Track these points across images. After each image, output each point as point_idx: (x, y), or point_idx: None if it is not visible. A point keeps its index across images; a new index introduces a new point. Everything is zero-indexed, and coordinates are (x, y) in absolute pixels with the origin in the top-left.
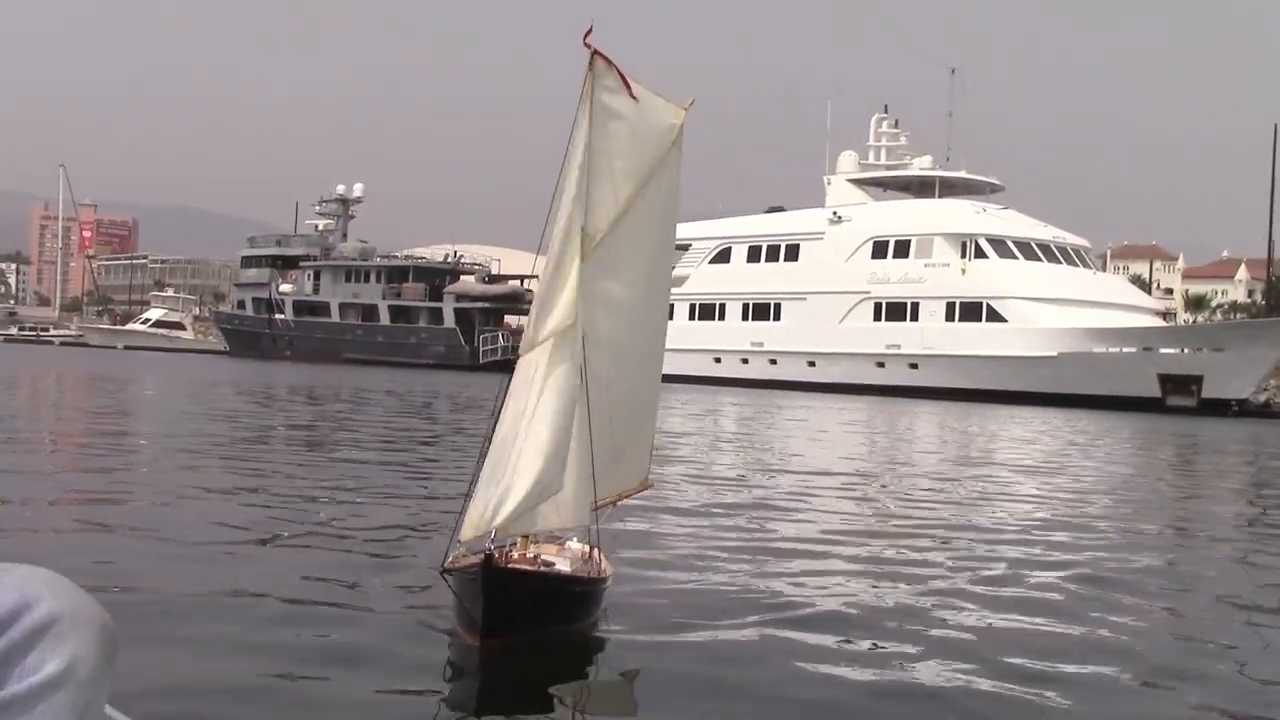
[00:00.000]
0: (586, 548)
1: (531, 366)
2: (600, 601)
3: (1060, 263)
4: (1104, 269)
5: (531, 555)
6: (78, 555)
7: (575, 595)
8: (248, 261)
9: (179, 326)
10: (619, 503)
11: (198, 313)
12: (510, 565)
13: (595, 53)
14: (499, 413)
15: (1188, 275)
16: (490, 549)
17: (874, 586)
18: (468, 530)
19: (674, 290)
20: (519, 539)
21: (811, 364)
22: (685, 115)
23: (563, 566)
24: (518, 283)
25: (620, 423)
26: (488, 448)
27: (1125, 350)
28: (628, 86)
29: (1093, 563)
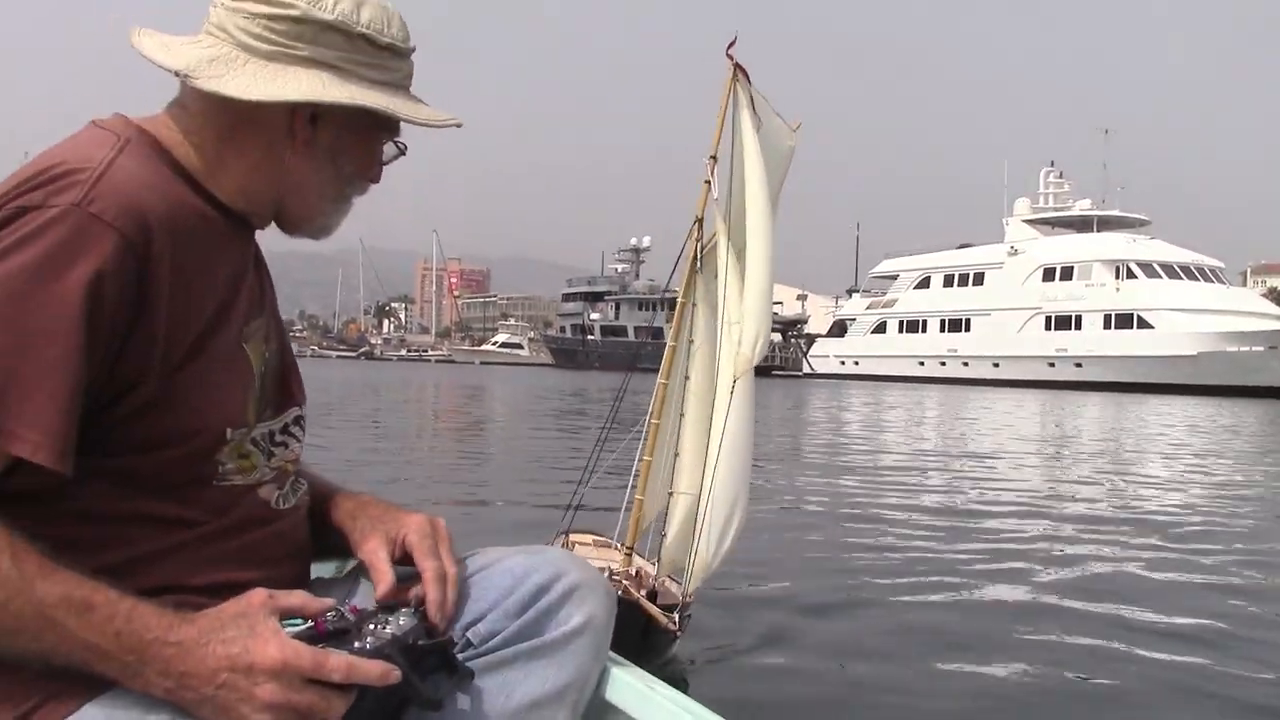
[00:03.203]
0: (622, 549)
1: (749, 387)
2: None
3: (1199, 280)
4: (1244, 283)
5: (634, 570)
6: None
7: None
8: (567, 297)
9: (519, 346)
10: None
11: (532, 336)
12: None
13: (738, 66)
14: (721, 438)
15: None
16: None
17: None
18: (697, 581)
19: (886, 310)
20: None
21: (996, 365)
22: (797, 139)
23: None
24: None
25: None
26: (711, 477)
27: (1254, 349)
28: (753, 105)
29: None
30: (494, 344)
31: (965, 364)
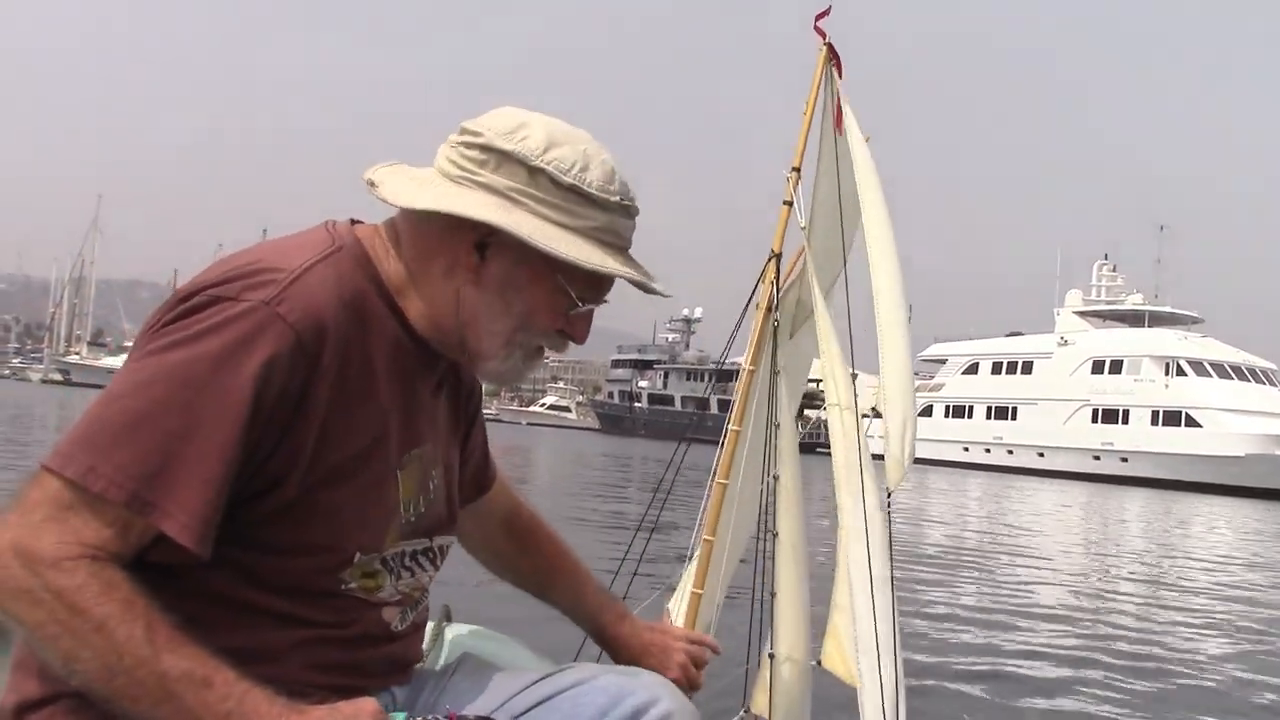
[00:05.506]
0: None
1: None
2: None
3: (1249, 381)
4: None
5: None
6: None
7: None
8: (616, 364)
9: (566, 410)
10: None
11: (580, 400)
12: None
13: (830, 46)
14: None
15: None
16: None
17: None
18: None
19: (933, 394)
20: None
21: (1041, 455)
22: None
23: None
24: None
25: None
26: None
27: None
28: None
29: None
30: (542, 405)
31: (1010, 452)
